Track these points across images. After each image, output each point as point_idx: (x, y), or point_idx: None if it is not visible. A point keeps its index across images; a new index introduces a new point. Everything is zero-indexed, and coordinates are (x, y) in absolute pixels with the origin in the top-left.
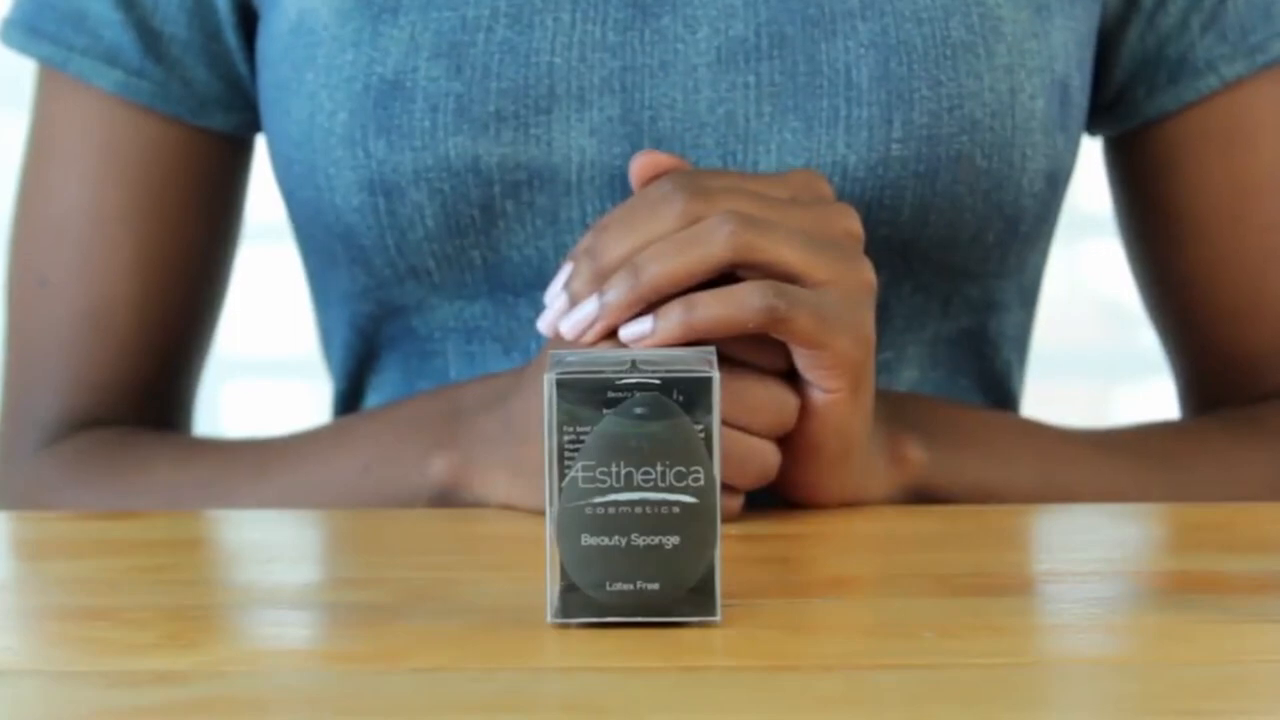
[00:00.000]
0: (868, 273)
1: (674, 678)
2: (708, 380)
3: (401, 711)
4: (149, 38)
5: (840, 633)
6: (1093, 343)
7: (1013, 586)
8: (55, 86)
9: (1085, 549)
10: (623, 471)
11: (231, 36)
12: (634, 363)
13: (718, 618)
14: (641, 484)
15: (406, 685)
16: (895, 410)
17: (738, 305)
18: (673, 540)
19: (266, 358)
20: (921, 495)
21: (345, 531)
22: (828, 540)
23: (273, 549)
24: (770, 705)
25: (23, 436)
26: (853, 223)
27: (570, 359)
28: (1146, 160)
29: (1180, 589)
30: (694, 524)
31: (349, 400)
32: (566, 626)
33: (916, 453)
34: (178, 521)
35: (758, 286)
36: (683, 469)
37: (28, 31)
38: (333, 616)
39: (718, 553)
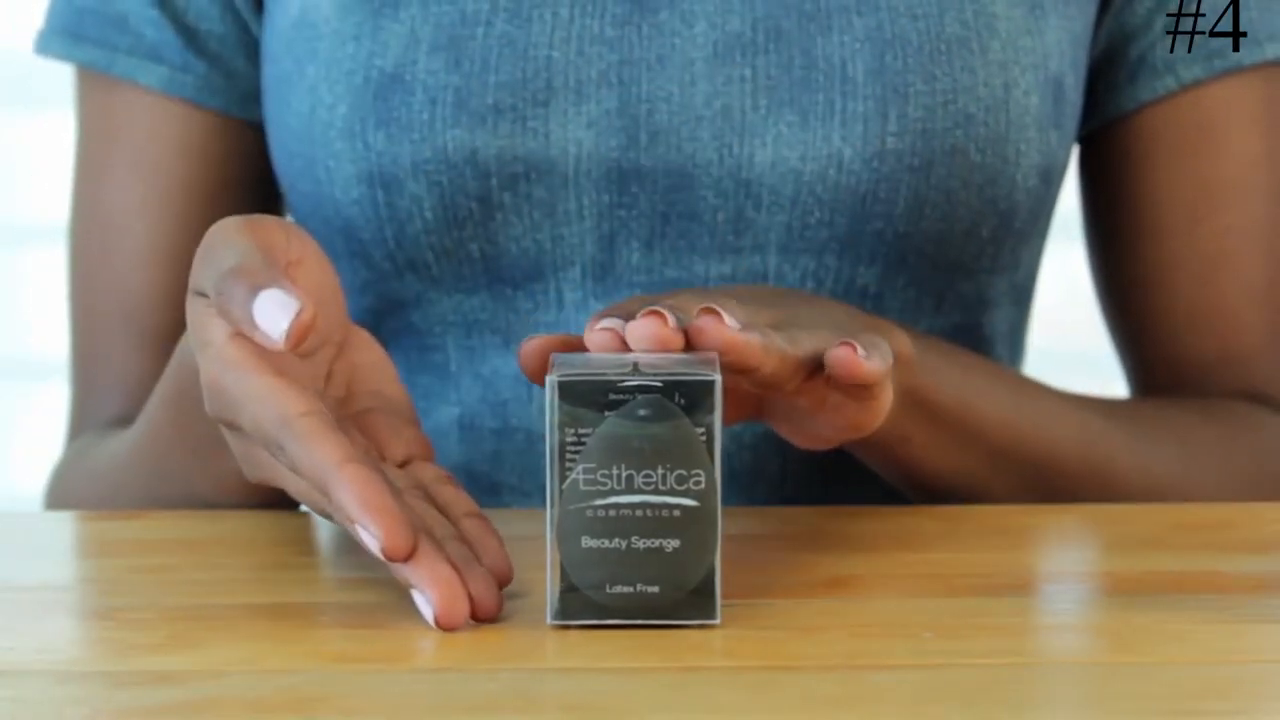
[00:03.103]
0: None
1: (674, 678)
2: (710, 383)
3: (401, 711)
4: (187, 34)
5: (840, 633)
6: (1092, 343)
7: (1013, 586)
8: (97, 89)
9: (1084, 549)
10: (624, 474)
11: (257, 30)
12: (636, 365)
13: (717, 620)
14: (642, 487)
15: (406, 685)
16: (878, 318)
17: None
18: (673, 543)
19: None
20: (911, 400)
21: (346, 531)
22: (828, 540)
23: (273, 549)
24: (770, 706)
25: (74, 425)
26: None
27: (572, 361)
28: (1106, 161)
29: (1179, 589)
30: (694, 527)
31: None
32: (567, 628)
33: (906, 346)
34: (178, 521)
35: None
36: (684, 472)
37: (70, 38)
38: (333, 616)
39: (718, 556)
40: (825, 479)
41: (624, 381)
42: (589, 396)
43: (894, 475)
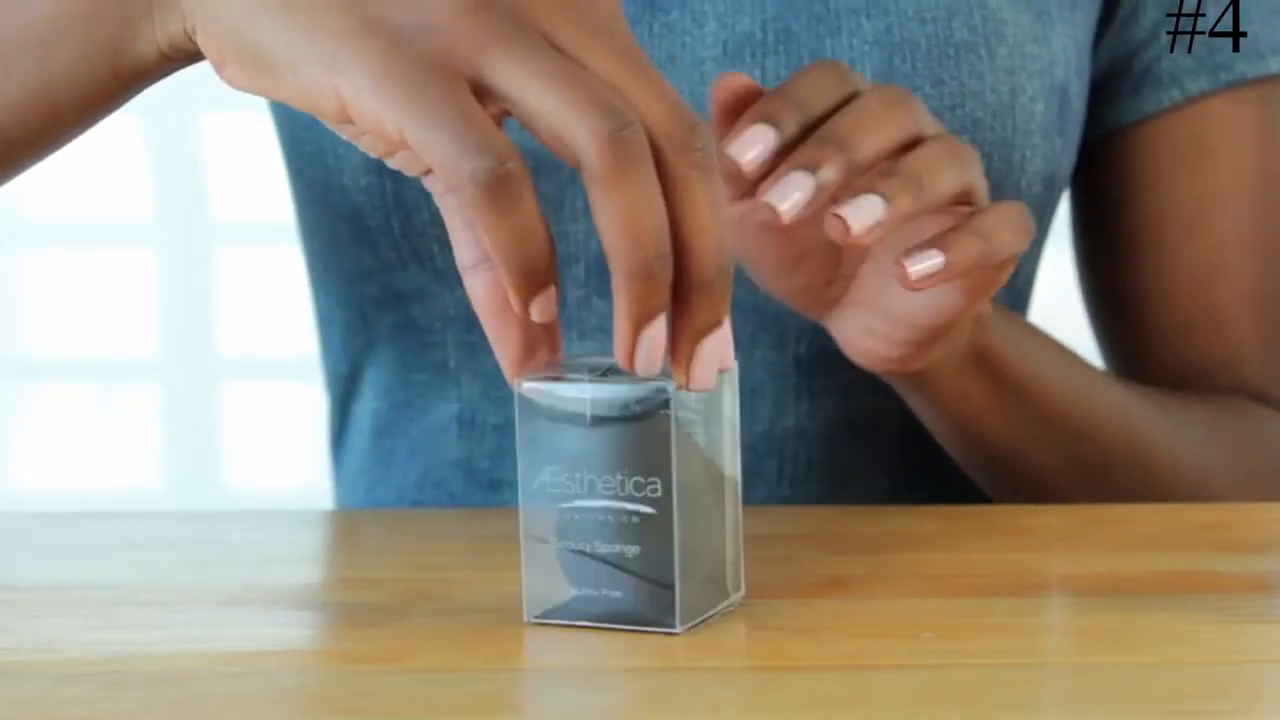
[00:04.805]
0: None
1: (673, 678)
2: (664, 392)
3: (401, 711)
4: None
5: (841, 633)
6: (1091, 343)
7: (1013, 586)
8: None
9: (1084, 549)
10: (586, 478)
11: None
12: (606, 371)
13: (678, 629)
14: (603, 492)
15: (406, 685)
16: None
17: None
18: (633, 549)
19: (266, 358)
20: (979, 357)
21: (345, 531)
22: (828, 540)
23: (273, 549)
24: (770, 706)
25: None
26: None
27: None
28: (1102, 173)
29: (1179, 589)
30: (653, 534)
31: (348, 384)
32: (544, 625)
33: (984, 304)
34: (177, 521)
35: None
36: (641, 479)
37: None
38: (333, 616)
39: (676, 564)
40: (823, 478)
41: (588, 388)
42: (555, 403)
43: (941, 429)
